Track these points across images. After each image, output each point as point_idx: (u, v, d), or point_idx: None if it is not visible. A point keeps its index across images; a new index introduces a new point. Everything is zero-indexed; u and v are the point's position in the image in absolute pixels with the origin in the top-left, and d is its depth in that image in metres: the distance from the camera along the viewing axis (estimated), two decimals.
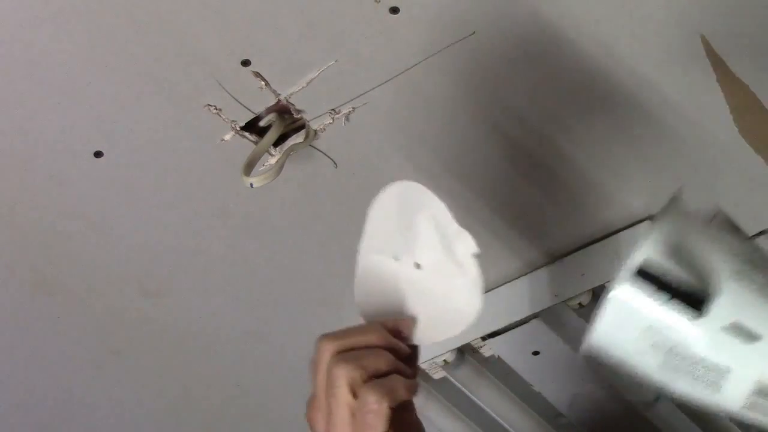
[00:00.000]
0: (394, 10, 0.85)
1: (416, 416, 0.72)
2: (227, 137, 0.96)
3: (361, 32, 0.88)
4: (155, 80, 0.91)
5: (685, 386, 0.58)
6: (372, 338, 0.72)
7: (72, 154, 0.97)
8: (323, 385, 0.70)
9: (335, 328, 1.26)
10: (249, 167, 0.93)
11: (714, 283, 0.57)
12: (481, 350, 1.19)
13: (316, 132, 0.97)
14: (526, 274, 1.12)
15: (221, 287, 1.15)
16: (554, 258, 1.10)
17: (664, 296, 0.57)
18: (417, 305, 0.78)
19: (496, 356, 1.18)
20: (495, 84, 0.93)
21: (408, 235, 0.78)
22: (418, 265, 0.78)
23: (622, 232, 1.07)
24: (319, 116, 0.95)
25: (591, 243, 1.09)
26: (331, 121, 0.96)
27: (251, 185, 0.92)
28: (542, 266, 1.11)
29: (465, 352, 1.17)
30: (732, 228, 0.70)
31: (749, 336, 0.57)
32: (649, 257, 0.58)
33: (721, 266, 0.58)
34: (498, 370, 1.20)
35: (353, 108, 0.95)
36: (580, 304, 1.06)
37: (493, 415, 1.21)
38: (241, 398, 1.32)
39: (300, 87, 0.92)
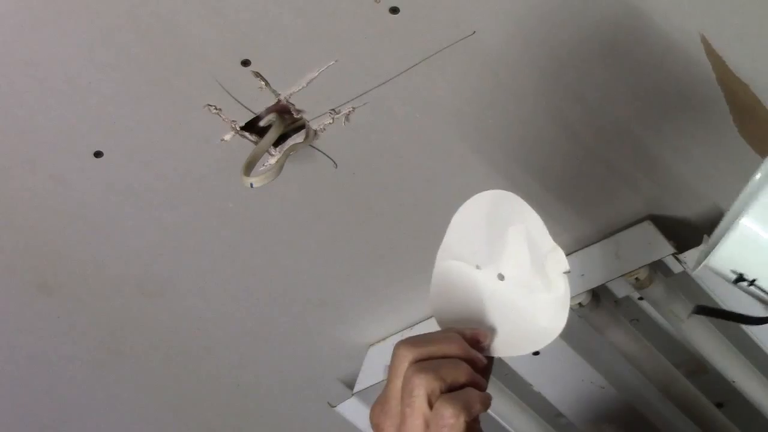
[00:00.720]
0: (394, 10, 0.85)
1: (481, 427, 0.71)
2: (227, 137, 0.96)
3: (361, 32, 0.88)
4: (155, 80, 0.91)
5: None
6: (452, 348, 0.70)
7: (72, 154, 0.97)
8: (399, 392, 0.69)
9: (335, 328, 1.27)
10: (249, 167, 0.93)
11: None
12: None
13: (316, 132, 0.97)
14: None
15: (221, 287, 1.15)
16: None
17: None
18: (497, 317, 0.75)
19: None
20: (495, 84, 0.93)
21: (495, 244, 0.76)
22: (501, 277, 0.76)
23: (621, 233, 1.07)
24: (319, 116, 0.95)
25: (590, 244, 1.10)
26: (331, 121, 0.96)
27: (251, 185, 0.92)
28: None
29: None
30: None
31: None
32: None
33: None
34: (498, 370, 1.20)
35: (353, 108, 0.95)
36: (579, 304, 1.06)
37: (493, 415, 1.21)
38: (241, 398, 1.32)
39: (300, 87, 0.92)
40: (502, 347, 0.74)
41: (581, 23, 0.88)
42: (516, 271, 0.75)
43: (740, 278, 0.65)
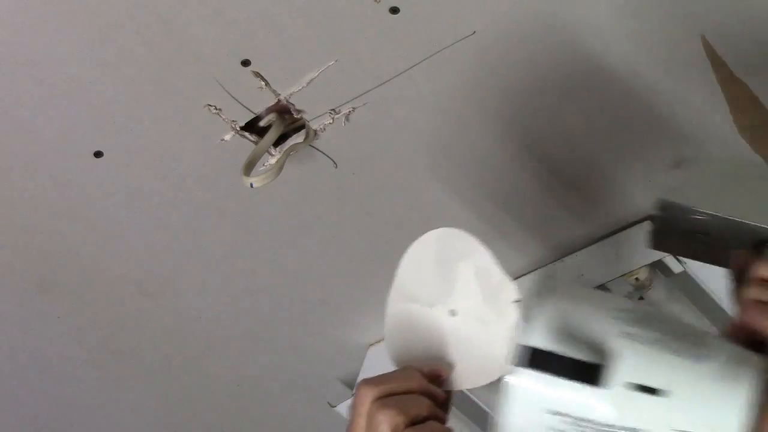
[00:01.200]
0: (394, 10, 0.85)
1: None
2: (227, 137, 0.96)
3: (361, 32, 0.88)
4: (155, 80, 0.91)
5: None
6: (412, 384, 0.73)
7: (72, 154, 0.97)
8: (363, 429, 0.71)
9: (335, 328, 1.27)
10: (249, 167, 0.93)
11: (606, 350, 0.57)
12: None
13: (316, 132, 0.97)
14: (525, 273, 1.12)
15: (221, 287, 1.15)
16: (554, 258, 1.10)
17: (561, 376, 0.57)
18: (453, 352, 0.78)
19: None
20: (495, 84, 0.93)
21: (446, 282, 0.78)
22: (453, 312, 0.78)
23: (621, 233, 1.07)
24: (319, 116, 0.95)
25: (590, 244, 1.10)
26: (331, 121, 0.96)
27: (251, 185, 0.91)
28: (542, 266, 1.11)
29: None
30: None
31: (651, 393, 0.56)
32: (536, 343, 0.58)
33: (609, 331, 0.58)
34: None
35: (353, 108, 0.95)
36: None
37: (493, 414, 1.20)
38: (242, 398, 1.32)
39: (300, 87, 0.92)
40: (460, 380, 0.76)
41: (580, 23, 0.88)
42: (468, 306, 0.77)
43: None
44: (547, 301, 0.60)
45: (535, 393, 0.58)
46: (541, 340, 0.58)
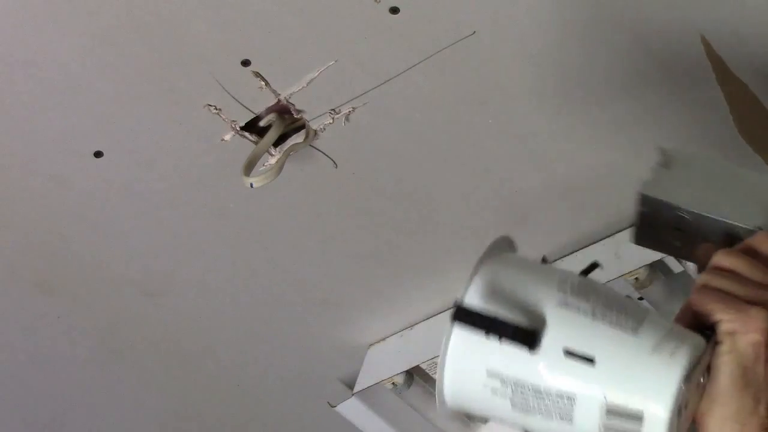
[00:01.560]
0: (394, 10, 0.85)
1: None
2: (227, 137, 0.96)
3: (361, 32, 0.88)
4: (155, 80, 0.91)
5: (540, 424, 0.58)
6: None
7: (72, 154, 0.97)
8: None
9: (335, 328, 1.27)
10: (249, 167, 0.93)
11: (541, 316, 0.58)
12: None
13: (316, 132, 0.97)
14: None
15: (221, 287, 1.15)
16: (554, 259, 1.10)
17: (495, 336, 0.57)
18: None
19: None
20: (494, 84, 0.93)
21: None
22: None
23: (621, 233, 1.07)
24: (319, 116, 0.95)
25: (590, 244, 1.10)
26: (331, 121, 0.96)
27: (251, 185, 0.91)
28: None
29: None
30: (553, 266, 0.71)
31: (585, 361, 0.57)
32: (472, 302, 0.59)
33: (546, 299, 0.59)
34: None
35: (353, 108, 0.95)
36: None
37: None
38: (242, 398, 1.32)
39: (300, 87, 0.92)
40: None
41: (581, 23, 0.88)
42: None
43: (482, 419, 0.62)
44: (490, 265, 0.62)
45: (472, 354, 0.59)
46: (477, 300, 0.59)
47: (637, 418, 0.57)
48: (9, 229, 1.04)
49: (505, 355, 0.58)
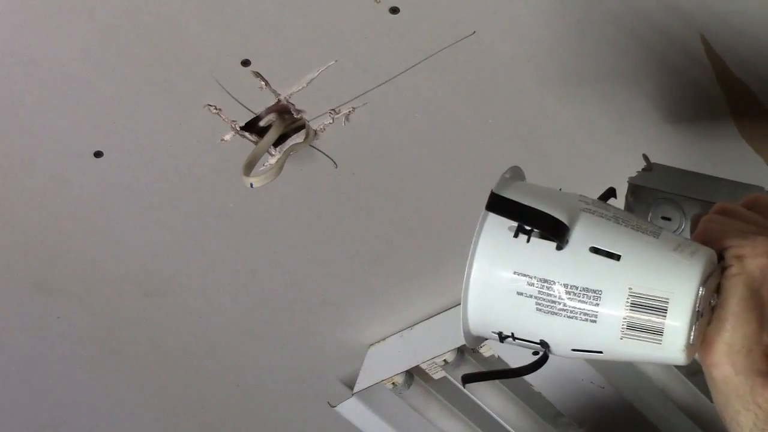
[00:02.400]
0: (394, 10, 0.85)
1: None
2: (227, 137, 0.96)
3: (361, 32, 0.88)
4: (155, 80, 0.91)
5: (564, 327, 0.60)
6: None
7: (72, 154, 0.97)
8: None
9: (335, 328, 1.27)
10: (249, 167, 0.93)
11: (570, 216, 0.60)
12: (481, 350, 1.19)
13: (316, 132, 0.97)
14: None
15: (221, 287, 1.15)
16: None
17: (525, 231, 0.60)
18: None
19: (496, 356, 1.18)
20: (494, 84, 0.93)
21: None
22: None
23: None
24: (319, 116, 0.95)
25: None
26: (331, 121, 0.96)
27: (251, 185, 0.92)
28: None
29: (465, 352, 1.17)
30: None
31: (611, 257, 0.59)
32: (508, 194, 0.62)
33: (570, 205, 0.61)
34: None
35: (353, 108, 0.95)
36: None
37: (493, 415, 1.21)
38: (242, 398, 1.32)
39: (300, 87, 0.92)
40: None
41: (581, 23, 0.88)
42: None
43: (502, 336, 0.63)
44: (513, 178, 0.66)
45: (503, 250, 0.61)
46: (512, 193, 0.62)
47: (661, 308, 0.59)
48: (9, 229, 1.04)
49: (533, 252, 0.60)
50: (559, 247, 0.60)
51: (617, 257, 0.59)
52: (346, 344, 1.23)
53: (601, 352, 0.61)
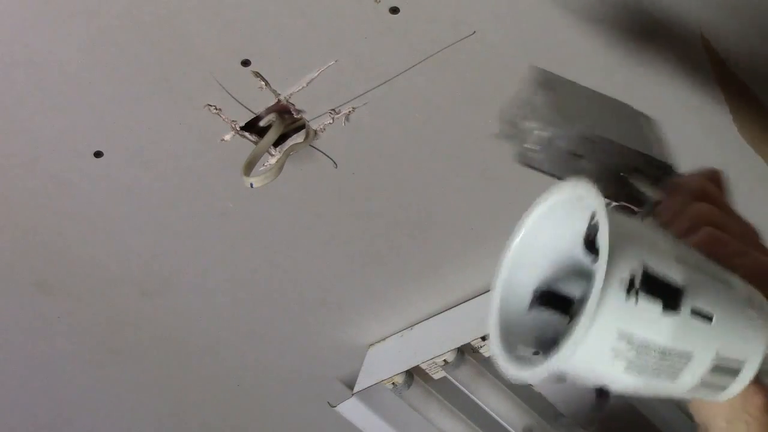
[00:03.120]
0: (394, 10, 0.85)
1: None
2: (227, 137, 0.96)
3: (361, 32, 0.88)
4: (155, 80, 0.91)
5: (640, 383, 0.57)
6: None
7: (72, 154, 0.97)
8: None
9: (335, 328, 1.27)
10: (249, 167, 0.93)
11: (680, 277, 0.56)
12: (481, 350, 1.19)
13: (316, 132, 0.97)
14: None
15: (221, 287, 1.15)
16: None
17: (655, 299, 0.55)
18: None
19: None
20: (494, 84, 0.93)
21: None
22: None
23: None
24: (319, 116, 0.95)
25: None
26: (331, 121, 0.96)
27: (251, 185, 0.91)
28: None
29: (465, 352, 1.17)
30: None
31: (705, 319, 0.57)
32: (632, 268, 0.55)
33: (668, 256, 0.57)
34: (498, 369, 1.19)
35: (353, 108, 0.95)
36: None
37: (493, 415, 1.21)
38: (242, 398, 1.32)
39: (300, 87, 0.92)
40: None
41: (581, 23, 0.88)
42: None
43: (561, 379, 0.57)
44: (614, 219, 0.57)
45: (612, 312, 0.55)
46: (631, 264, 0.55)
47: (736, 370, 0.57)
48: (9, 229, 1.04)
49: (640, 314, 0.55)
50: (671, 311, 0.56)
51: (710, 318, 0.57)
52: (346, 344, 1.23)
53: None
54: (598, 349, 0.55)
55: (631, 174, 0.68)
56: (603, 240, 0.54)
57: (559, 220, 0.60)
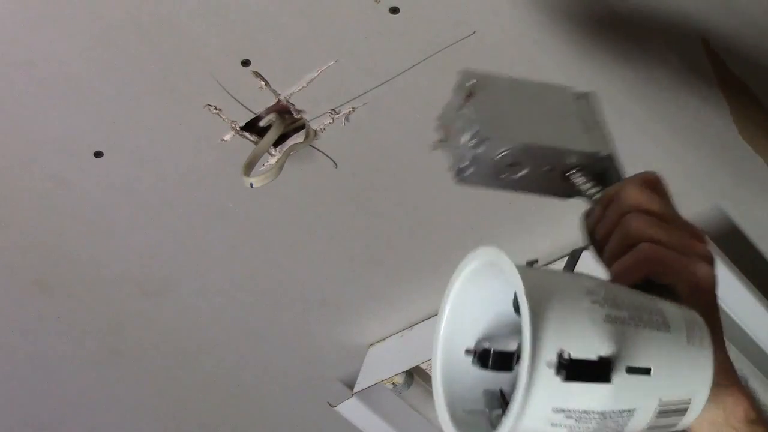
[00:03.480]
0: (394, 10, 0.85)
1: None
2: (227, 137, 0.96)
3: (361, 32, 0.88)
4: (155, 80, 0.91)
5: None
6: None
7: (72, 154, 0.97)
8: None
9: (335, 328, 1.27)
10: (249, 167, 0.93)
11: (607, 343, 0.55)
12: None
13: (316, 132, 0.97)
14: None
15: (221, 287, 1.15)
16: (554, 259, 1.10)
17: (585, 381, 0.54)
18: None
19: None
20: None
21: None
22: None
23: None
24: (319, 116, 0.95)
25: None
26: (331, 121, 0.96)
27: (251, 185, 0.92)
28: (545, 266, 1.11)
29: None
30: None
31: (642, 373, 0.56)
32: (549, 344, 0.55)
33: (597, 321, 0.55)
34: None
35: (353, 108, 0.95)
36: None
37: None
38: (241, 398, 1.32)
39: (300, 87, 0.92)
40: None
41: (581, 23, 0.88)
42: None
43: None
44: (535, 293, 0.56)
45: (544, 391, 0.55)
46: (554, 342, 0.55)
47: (683, 409, 0.57)
48: (9, 229, 1.04)
49: (573, 391, 0.55)
50: (604, 382, 0.55)
51: (648, 371, 0.56)
52: (346, 344, 1.23)
53: None
54: (537, 426, 0.55)
55: (572, 173, 0.67)
56: (525, 324, 0.53)
57: (483, 284, 0.60)
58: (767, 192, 1.01)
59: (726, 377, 0.59)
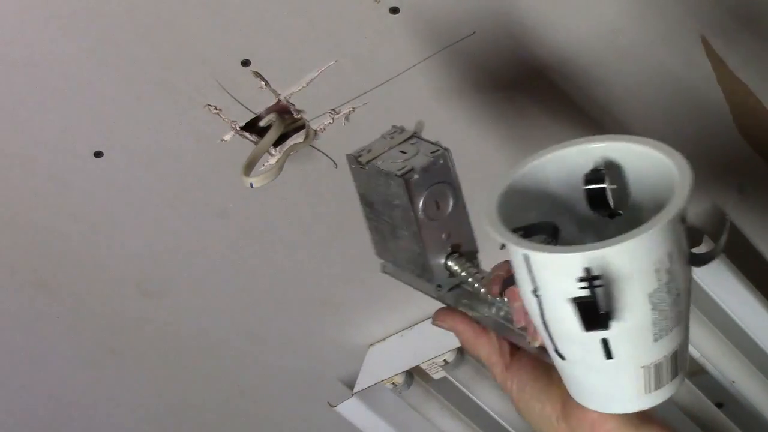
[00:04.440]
0: (394, 10, 0.85)
1: None
2: (227, 137, 0.96)
3: (361, 32, 0.88)
4: (155, 80, 0.91)
5: (660, 320, 0.61)
6: None
7: (72, 154, 0.97)
8: None
9: (335, 328, 1.26)
10: (249, 167, 0.93)
11: None
12: None
13: (316, 132, 0.97)
14: None
15: (221, 287, 1.15)
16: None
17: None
18: None
19: None
20: (494, 84, 0.93)
21: None
22: None
23: None
24: (319, 116, 0.95)
25: None
26: (331, 121, 0.96)
27: (251, 185, 0.91)
28: None
29: (465, 352, 1.17)
30: None
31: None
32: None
33: None
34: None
35: (353, 108, 0.95)
36: None
37: (493, 415, 1.21)
38: (241, 398, 1.32)
39: (300, 87, 0.92)
40: None
41: (581, 24, 0.88)
42: None
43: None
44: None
45: (674, 235, 0.60)
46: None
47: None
48: (9, 229, 1.04)
49: (682, 243, 0.61)
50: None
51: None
52: (346, 344, 1.23)
53: None
54: (650, 256, 0.59)
55: (448, 258, 0.78)
56: (682, 190, 0.61)
57: (564, 166, 0.71)
58: (767, 192, 1.01)
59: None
